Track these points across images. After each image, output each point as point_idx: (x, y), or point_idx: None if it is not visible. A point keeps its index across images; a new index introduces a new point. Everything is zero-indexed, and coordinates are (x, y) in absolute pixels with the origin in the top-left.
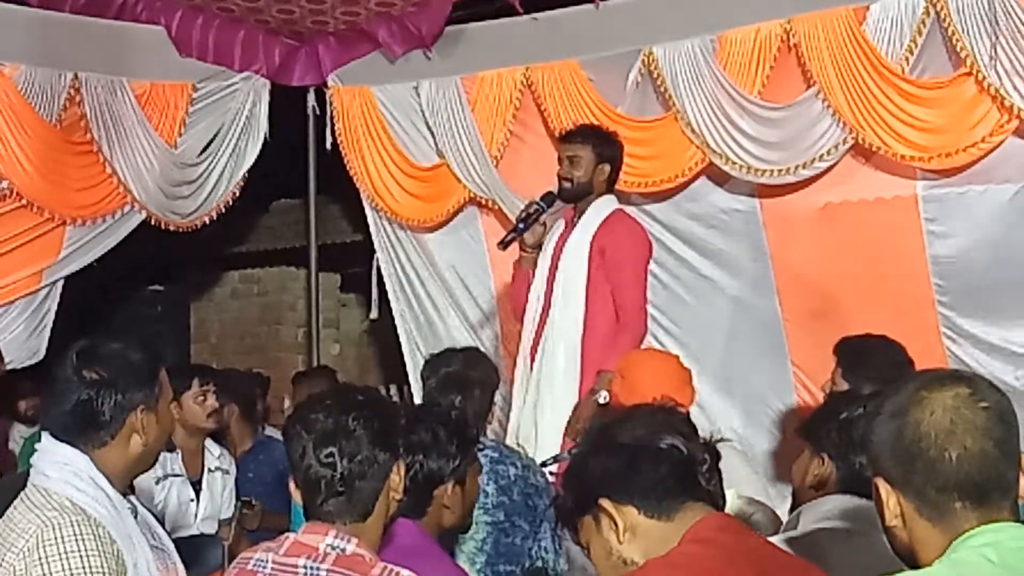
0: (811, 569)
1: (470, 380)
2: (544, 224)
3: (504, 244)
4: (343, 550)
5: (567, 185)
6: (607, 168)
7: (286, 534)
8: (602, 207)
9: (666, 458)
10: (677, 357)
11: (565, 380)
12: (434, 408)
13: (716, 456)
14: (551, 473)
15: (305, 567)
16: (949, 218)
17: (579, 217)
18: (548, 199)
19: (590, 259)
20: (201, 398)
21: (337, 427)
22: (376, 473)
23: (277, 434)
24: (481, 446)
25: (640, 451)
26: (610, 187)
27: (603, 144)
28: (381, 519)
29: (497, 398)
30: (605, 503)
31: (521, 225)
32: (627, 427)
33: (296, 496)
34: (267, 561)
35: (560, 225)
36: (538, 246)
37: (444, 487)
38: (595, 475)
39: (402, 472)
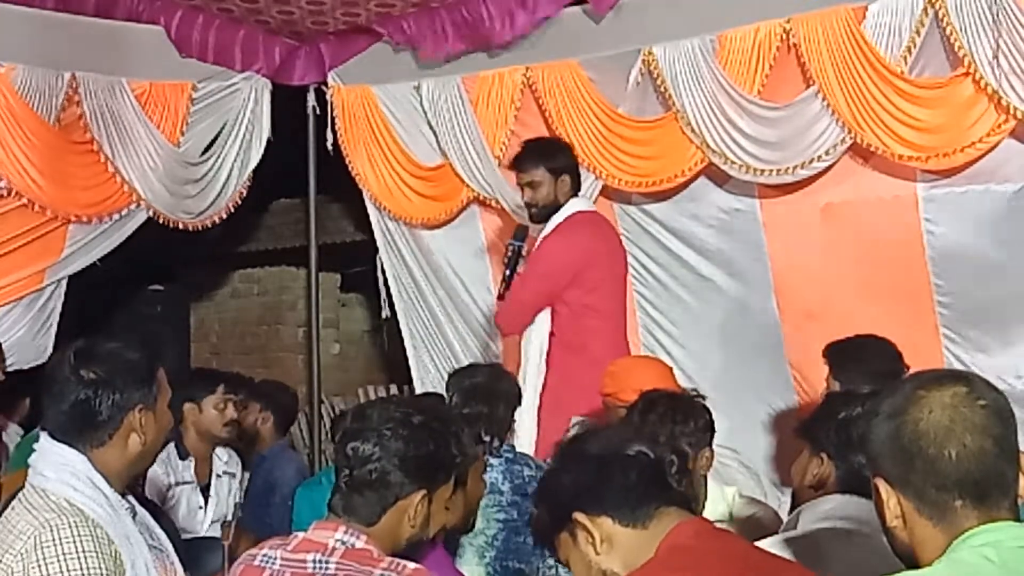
0: (791, 568)
1: (496, 393)
2: (524, 257)
3: (502, 296)
4: (352, 545)
5: (533, 210)
6: (567, 179)
7: (295, 533)
8: (559, 215)
9: (635, 464)
10: (662, 360)
11: (537, 378)
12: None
13: (683, 458)
14: None
15: (314, 561)
16: (949, 218)
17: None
18: (521, 234)
19: None
20: (222, 405)
21: (371, 429)
22: (384, 490)
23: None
24: (497, 451)
25: (608, 460)
26: (575, 191)
27: (554, 158)
28: (389, 533)
29: None
30: (579, 516)
31: (508, 272)
32: (594, 439)
33: None
34: (275, 558)
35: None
36: None
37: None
38: (567, 489)
39: (421, 507)
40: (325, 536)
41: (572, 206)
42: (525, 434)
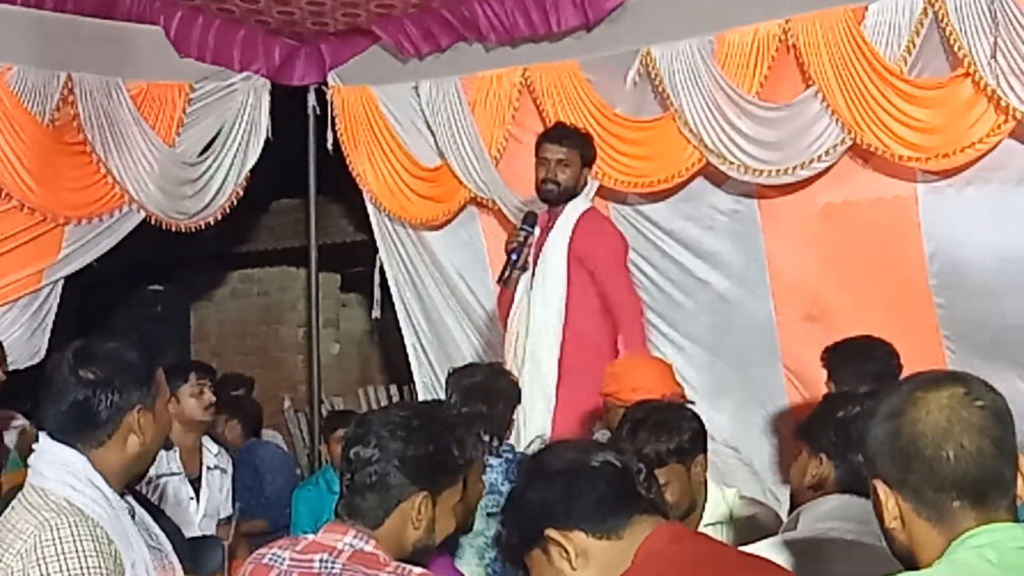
0: (771, 569)
1: (495, 392)
2: (530, 245)
3: (506, 280)
4: (361, 549)
5: (553, 188)
6: (587, 173)
7: (305, 534)
8: (575, 207)
9: (602, 475)
10: (662, 359)
11: (549, 379)
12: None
13: (650, 464)
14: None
15: (321, 560)
16: (948, 219)
17: (552, 220)
18: (531, 220)
19: (568, 262)
20: (197, 391)
21: (372, 433)
22: (384, 492)
23: (276, 438)
24: (497, 451)
25: (575, 473)
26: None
27: (590, 147)
28: (394, 537)
29: None
30: (551, 532)
31: (515, 256)
32: (555, 453)
33: None
34: (284, 558)
35: (536, 232)
36: (525, 267)
37: None
38: (535, 506)
39: (423, 508)
40: (334, 539)
41: (586, 200)
42: (536, 426)
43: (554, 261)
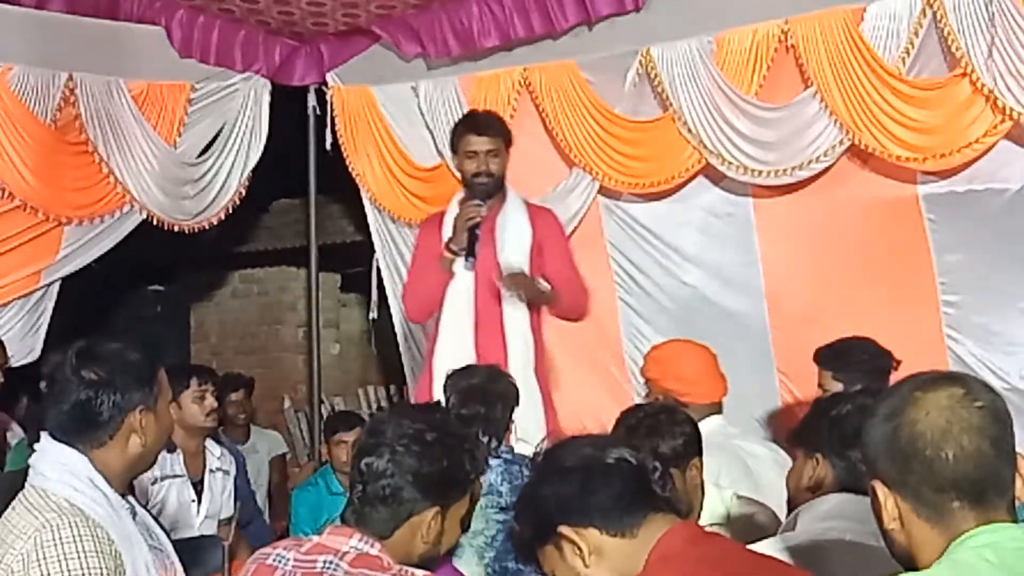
0: (786, 570)
1: (493, 393)
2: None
3: (475, 255)
4: (365, 552)
5: (488, 180)
6: (507, 154)
7: (306, 535)
8: (518, 198)
9: (617, 472)
10: (708, 347)
11: (526, 367)
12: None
13: (665, 463)
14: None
15: (325, 562)
16: (951, 219)
17: (492, 212)
18: (482, 197)
19: (532, 254)
20: (199, 395)
21: (385, 445)
22: (397, 505)
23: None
24: (495, 452)
25: (590, 470)
26: None
27: (508, 130)
28: (401, 548)
29: None
30: (565, 529)
31: (478, 231)
32: (571, 448)
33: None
34: (288, 559)
35: None
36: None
37: None
38: (549, 502)
39: (434, 523)
40: (339, 541)
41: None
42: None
43: (517, 253)
